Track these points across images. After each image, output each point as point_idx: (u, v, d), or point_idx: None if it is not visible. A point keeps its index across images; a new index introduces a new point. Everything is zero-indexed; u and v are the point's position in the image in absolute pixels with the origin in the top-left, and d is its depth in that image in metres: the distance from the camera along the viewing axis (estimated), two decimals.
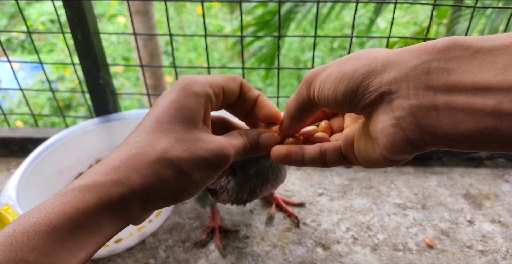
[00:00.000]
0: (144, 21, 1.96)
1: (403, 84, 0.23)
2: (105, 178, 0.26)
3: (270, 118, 0.34)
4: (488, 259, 0.55)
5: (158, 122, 0.29)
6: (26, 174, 0.58)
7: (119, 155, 0.28)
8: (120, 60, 3.23)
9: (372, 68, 0.25)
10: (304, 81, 0.30)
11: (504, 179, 0.71)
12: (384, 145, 0.24)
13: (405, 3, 0.64)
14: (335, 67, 0.27)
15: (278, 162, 0.33)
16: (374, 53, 0.25)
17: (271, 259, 0.55)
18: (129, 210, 0.27)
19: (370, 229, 0.60)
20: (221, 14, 3.74)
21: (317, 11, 0.63)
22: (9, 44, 3.36)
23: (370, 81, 0.24)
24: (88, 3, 0.65)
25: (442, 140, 0.22)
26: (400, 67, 0.23)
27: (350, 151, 0.31)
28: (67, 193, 0.25)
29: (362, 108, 0.26)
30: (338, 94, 0.26)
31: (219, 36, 3.46)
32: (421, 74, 0.23)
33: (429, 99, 0.22)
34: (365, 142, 0.28)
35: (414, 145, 0.23)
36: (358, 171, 0.73)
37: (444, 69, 0.22)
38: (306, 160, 0.32)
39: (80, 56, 0.69)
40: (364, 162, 0.29)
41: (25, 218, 0.24)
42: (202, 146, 0.29)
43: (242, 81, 0.34)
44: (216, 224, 0.59)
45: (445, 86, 0.22)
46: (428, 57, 0.23)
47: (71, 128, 0.68)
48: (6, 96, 2.77)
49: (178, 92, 0.30)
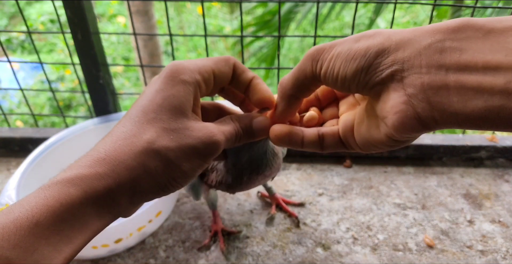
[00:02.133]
0: (144, 21, 1.96)
1: (416, 62, 0.23)
2: (89, 171, 0.25)
3: (263, 102, 0.33)
4: (488, 259, 0.55)
5: (144, 112, 0.28)
6: (26, 174, 0.58)
7: (104, 146, 0.27)
8: (120, 60, 3.23)
9: (386, 46, 0.24)
10: (309, 56, 0.28)
11: (504, 179, 0.71)
12: (393, 122, 0.24)
13: (405, 3, 0.64)
14: (347, 44, 0.26)
15: (277, 142, 0.32)
16: (387, 32, 0.25)
17: (271, 259, 0.55)
18: (116, 204, 0.26)
19: (370, 229, 0.60)
20: (221, 14, 3.74)
21: (317, 11, 0.63)
22: (9, 44, 3.36)
23: (383, 59, 0.24)
24: (88, 3, 0.65)
25: (451, 118, 0.23)
26: (414, 45, 0.24)
27: (349, 135, 0.30)
28: (50, 186, 0.24)
29: (371, 87, 0.25)
30: (349, 72, 0.26)
31: (219, 36, 3.46)
32: (434, 53, 0.23)
33: (441, 78, 0.22)
34: (368, 123, 0.28)
35: (424, 122, 0.23)
36: (358, 171, 0.73)
37: (456, 49, 0.22)
38: (305, 142, 0.32)
39: (80, 56, 0.69)
40: (365, 145, 0.29)
41: (6, 213, 0.23)
42: (191, 134, 0.28)
43: (236, 63, 0.32)
44: (218, 227, 0.59)
45: (457, 65, 0.22)
46: (441, 36, 0.23)
47: (71, 128, 0.68)
48: (6, 96, 2.77)
49: (165, 80, 0.29)
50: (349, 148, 0.31)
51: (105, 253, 0.56)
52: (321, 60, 0.28)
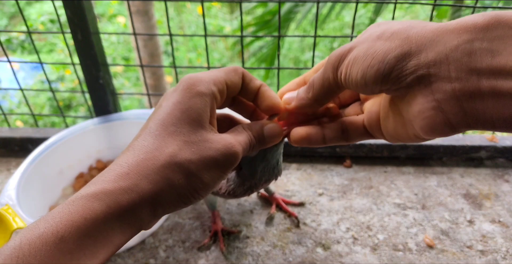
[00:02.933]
0: (144, 21, 1.96)
1: (443, 66, 0.22)
2: (113, 185, 0.25)
3: (272, 108, 0.33)
4: (488, 259, 0.55)
5: (164, 125, 0.28)
6: (26, 174, 0.58)
7: (127, 160, 0.27)
8: (120, 60, 3.23)
9: (405, 50, 0.23)
10: (330, 64, 0.28)
11: (504, 179, 0.71)
12: (422, 127, 0.24)
13: (405, 3, 0.64)
14: (363, 48, 0.25)
15: (298, 144, 0.33)
16: (406, 31, 0.24)
17: (271, 259, 0.55)
18: (139, 217, 0.26)
19: (370, 229, 0.60)
20: (221, 14, 3.74)
21: (317, 11, 0.63)
22: (9, 44, 3.36)
23: (405, 64, 0.23)
24: (88, 3, 0.65)
25: (485, 123, 0.22)
26: (438, 48, 0.22)
27: (376, 127, 0.30)
28: (74, 201, 0.25)
29: (395, 90, 0.25)
30: (369, 79, 0.25)
31: (219, 36, 3.46)
32: (463, 55, 0.21)
33: (473, 83, 0.21)
34: (393, 120, 0.28)
35: (455, 127, 0.23)
36: (358, 171, 0.73)
37: (487, 50, 0.21)
38: (327, 138, 0.32)
39: (80, 56, 0.69)
40: (392, 139, 0.29)
41: (32, 229, 0.23)
42: (211, 146, 0.28)
43: (244, 72, 0.33)
44: (218, 227, 0.59)
45: (490, 69, 0.21)
46: (469, 36, 0.21)
47: (71, 128, 0.68)
48: (6, 96, 2.77)
49: (182, 93, 0.29)
50: (375, 137, 0.32)
51: None
52: (340, 68, 0.27)
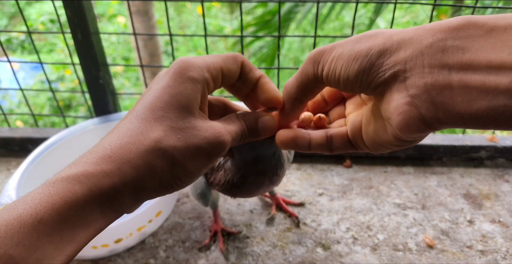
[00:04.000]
0: (144, 21, 1.96)
1: (418, 62, 0.23)
2: (95, 168, 0.25)
3: (270, 102, 0.33)
4: (488, 259, 0.55)
5: (151, 109, 0.27)
6: (26, 174, 0.58)
7: (110, 143, 0.26)
8: (120, 60, 3.23)
9: (387, 46, 0.24)
10: (310, 60, 0.28)
11: (504, 179, 0.71)
12: (397, 123, 0.24)
13: (405, 3, 0.64)
14: (348, 45, 0.26)
15: (284, 146, 0.32)
16: (389, 32, 0.25)
17: (271, 259, 0.55)
18: (121, 202, 0.26)
19: (370, 229, 0.60)
20: (221, 14, 3.74)
21: (317, 11, 0.63)
22: (9, 44, 3.36)
23: (385, 59, 0.24)
24: (88, 3, 0.65)
25: (455, 118, 0.22)
26: (415, 45, 0.23)
27: (358, 136, 0.30)
28: (55, 183, 0.24)
29: (374, 88, 0.25)
30: (351, 73, 0.26)
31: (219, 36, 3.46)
32: (437, 52, 0.23)
33: (444, 77, 0.22)
34: (374, 124, 0.28)
35: (428, 123, 0.23)
36: (358, 171, 0.73)
37: (459, 48, 0.22)
38: (312, 145, 0.32)
39: (80, 56, 0.69)
40: (373, 146, 0.29)
41: (10, 210, 0.23)
42: (198, 134, 0.27)
43: (244, 61, 0.32)
44: (218, 227, 0.59)
45: (460, 64, 0.22)
46: (443, 35, 0.23)
47: (71, 128, 0.68)
48: (6, 96, 2.77)
49: (173, 77, 0.28)
50: (358, 148, 0.31)
51: (105, 253, 0.56)
52: (322, 62, 0.28)
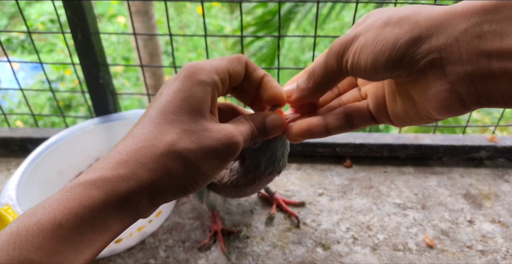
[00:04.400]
0: (144, 21, 1.96)
1: (454, 49, 0.23)
2: (112, 173, 0.25)
3: (274, 99, 0.33)
4: (488, 259, 0.55)
5: (164, 113, 0.28)
6: (26, 174, 0.58)
7: (125, 148, 0.27)
8: (120, 60, 3.23)
9: (416, 34, 0.24)
10: (333, 53, 0.28)
11: (504, 179, 0.71)
12: (436, 108, 0.25)
13: (405, 3, 0.64)
14: (370, 34, 0.26)
15: (300, 137, 0.32)
16: (414, 16, 0.24)
17: (271, 259, 0.55)
18: (137, 205, 0.26)
19: (370, 229, 0.60)
20: (221, 14, 3.74)
21: (317, 11, 0.63)
22: (9, 44, 3.36)
23: (417, 49, 0.24)
24: (88, 3, 0.65)
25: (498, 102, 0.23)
26: (448, 31, 0.23)
27: (383, 112, 0.30)
28: (72, 188, 0.25)
29: (407, 75, 0.25)
30: (380, 65, 0.25)
31: (219, 36, 3.46)
32: (473, 38, 0.22)
33: (484, 65, 0.22)
34: (403, 104, 0.28)
35: (468, 106, 0.24)
36: (358, 171, 0.73)
37: (496, 32, 0.21)
38: (330, 128, 0.32)
39: (80, 56, 0.69)
40: (400, 122, 0.29)
41: (29, 215, 0.23)
42: (211, 136, 0.28)
43: (247, 62, 0.32)
44: (218, 227, 0.59)
45: (499, 51, 0.21)
46: (478, 19, 0.22)
47: (71, 128, 0.68)
48: (6, 96, 2.77)
49: (183, 81, 0.29)
50: (380, 122, 0.32)
51: (105, 253, 0.56)
52: (346, 56, 0.27)
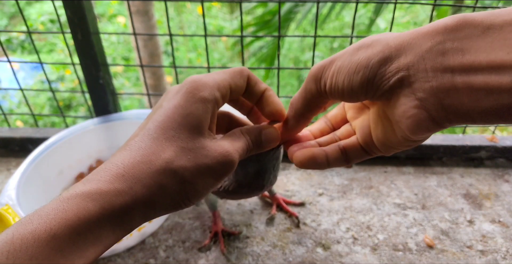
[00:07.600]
0: (144, 21, 1.96)
1: (420, 66, 0.24)
2: (108, 187, 0.26)
3: (274, 115, 0.33)
4: (488, 259, 0.55)
5: (163, 129, 0.28)
6: (26, 174, 0.58)
7: (123, 161, 0.27)
8: (120, 60, 3.23)
9: (386, 54, 0.25)
10: (312, 77, 0.29)
11: (504, 179, 0.71)
12: (407, 126, 0.25)
13: (405, 3, 0.64)
14: (346, 57, 0.27)
15: (302, 166, 0.32)
16: (385, 39, 0.26)
17: (271, 259, 0.55)
18: (130, 220, 0.27)
19: (370, 229, 0.60)
20: (221, 14, 3.74)
21: (317, 11, 0.63)
22: (9, 44, 3.36)
23: (387, 67, 0.25)
24: (88, 3, 0.65)
25: (464, 117, 0.23)
26: (415, 50, 0.24)
27: (370, 141, 0.31)
28: (69, 199, 0.25)
29: (380, 95, 0.26)
30: (355, 85, 0.26)
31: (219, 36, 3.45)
32: (437, 55, 0.23)
33: (448, 80, 0.23)
34: (382, 127, 0.29)
35: (438, 123, 0.24)
36: (358, 171, 0.73)
37: (458, 49, 0.23)
38: (330, 160, 0.32)
39: (80, 56, 0.69)
40: (385, 148, 0.30)
41: (25, 224, 0.23)
42: (207, 154, 0.28)
43: (249, 75, 0.32)
44: (218, 228, 0.59)
45: (462, 66, 0.22)
46: (441, 38, 0.23)
47: (71, 128, 0.68)
48: (6, 96, 2.77)
49: (184, 97, 0.29)
50: (372, 153, 0.32)
51: (105, 253, 0.55)
52: (324, 78, 0.28)
